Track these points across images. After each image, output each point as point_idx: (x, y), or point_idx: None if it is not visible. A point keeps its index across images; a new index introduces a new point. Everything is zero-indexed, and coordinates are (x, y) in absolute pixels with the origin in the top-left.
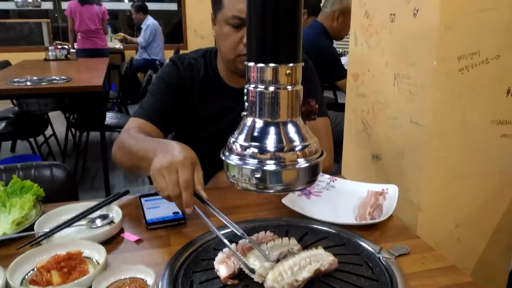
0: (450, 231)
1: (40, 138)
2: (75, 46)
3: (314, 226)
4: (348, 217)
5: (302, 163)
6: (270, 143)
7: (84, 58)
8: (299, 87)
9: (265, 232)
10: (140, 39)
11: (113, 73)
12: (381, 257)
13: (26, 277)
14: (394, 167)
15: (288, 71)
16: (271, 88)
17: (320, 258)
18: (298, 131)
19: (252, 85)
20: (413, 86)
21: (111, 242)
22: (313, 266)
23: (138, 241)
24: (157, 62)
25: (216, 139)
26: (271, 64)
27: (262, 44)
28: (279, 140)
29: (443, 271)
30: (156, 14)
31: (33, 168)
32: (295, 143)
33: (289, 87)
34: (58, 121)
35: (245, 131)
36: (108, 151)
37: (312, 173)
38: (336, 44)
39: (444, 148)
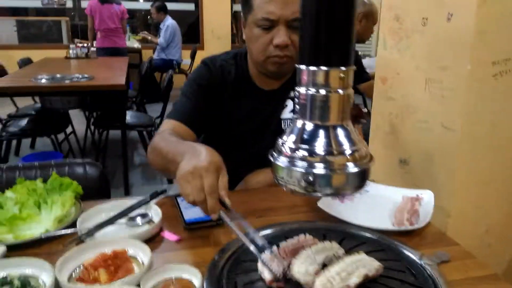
0: (480, 237)
1: (60, 136)
2: (95, 45)
3: (351, 230)
4: (385, 223)
5: (352, 167)
6: (320, 146)
7: (103, 56)
8: (351, 91)
9: (305, 235)
10: (161, 40)
11: (131, 72)
12: (423, 264)
13: (73, 274)
14: (422, 172)
15: (341, 75)
16: (323, 91)
17: (366, 264)
18: (349, 135)
19: (303, 88)
20: (445, 90)
21: (152, 241)
22: (361, 271)
23: (178, 241)
24: (174, 62)
25: (245, 140)
26: (324, 68)
27: (315, 47)
28: (329, 144)
29: (485, 279)
30: (173, 14)
31: (67, 166)
32: (345, 147)
33: (340, 91)
34: (76, 118)
35: (295, 134)
36: (128, 149)
37: (361, 178)
38: (357, 46)
39: (475, 153)
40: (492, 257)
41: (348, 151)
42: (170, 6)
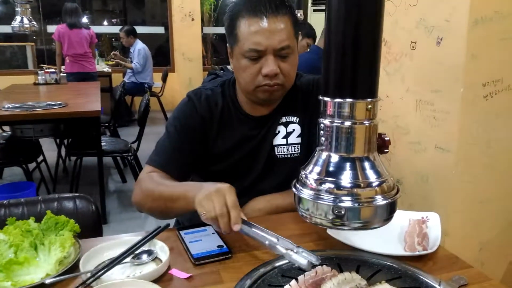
0: (474, 255)
1: (30, 164)
2: (62, 70)
3: (365, 257)
4: (396, 248)
5: (380, 200)
6: (347, 179)
7: (73, 82)
8: (376, 122)
9: (322, 267)
10: (136, 65)
11: (102, 97)
12: None
13: None
14: (417, 192)
15: (369, 106)
16: (348, 123)
17: None
18: (376, 167)
19: (328, 120)
20: (438, 112)
21: (160, 280)
22: None
23: (188, 278)
24: (146, 85)
25: (237, 169)
26: (349, 100)
27: (340, 79)
28: (356, 176)
29: None
30: (142, 37)
31: (56, 201)
32: (372, 179)
33: (366, 122)
34: (45, 145)
35: (320, 165)
36: (105, 176)
37: (390, 211)
38: None
39: (470, 172)
40: None
41: (375, 183)
42: (139, 29)
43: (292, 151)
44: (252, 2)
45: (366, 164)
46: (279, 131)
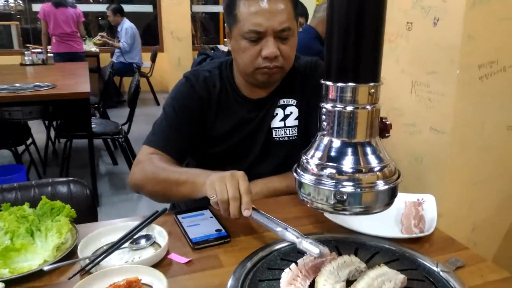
0: (467, 236)
1: (19, 147)
2: (49, 50)
3: (362, 240)
4: (393, 230)
5: (382, 185)
6: (349, 164)
7: (60, 62)
8: (379, 106)
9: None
10: (123, 44)
11: (90, 77)
12: (440, 272)
13: None
14: (411, 173)
15: (372, 90)
16: (351, 108)
17: (391, 277)
18: (378, 152)
19: (330, 104)
20: (433, 94)
21: (159, 264)
22: (388, 286)
23: (188, 263)
24: (134, 65)
25: (235, 152)
26: (352, 84)
27: (343, 63)
28: (358, 161)
29: (503, 282)
30: (130, 16)
31: (50, 186)
32: (374, 164)
33: (369, 107)
34: (34, 127)
35: (321, 151)
36: (96, 159)
37: (391, 195)
38: None
39: (464, 154)
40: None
41: (377, 168)
42: (127, 8)
43: (289, 134)
44: None
45: (368, 149)
46: (276, 114)
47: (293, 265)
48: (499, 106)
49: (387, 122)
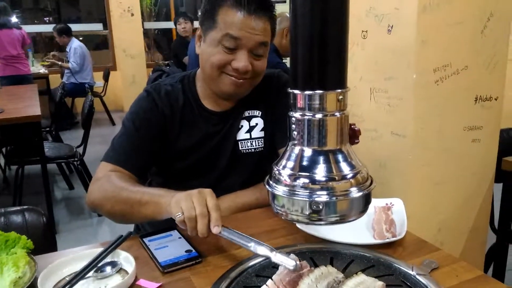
0: (434, 236)
1: None
2: None
3: (336, 249)
4: (366, 236)
5: (355, 192)
6: (322, 172)
7: (6, 86)
8: (347, 113)
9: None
10: (73, 65)
11: (40, 100)
12: (415, 275)
13: None
14: (376, 179)
15: (340, 97)
16: (319, 116)
17: (369, 285)
18: (349, 158)
19: (299, 113)
20: (392, 99)
21: None
22: None
23: None
24: (86, 85)
25: (200, 167)
26: (319, 91)
27: (309, 70)
28: (331, 169)
29: (477, 281)
30: (80, 35)
31: (2, 216)
32: (347, 172)
33: (337, 114)
34: None
35: (293, 161)
36: (50, 184)
37: (365, 202)
38: (285, 60)
39: (425, 156)
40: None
41: (350, 175)
42: (76, 27)
43: (256, 145)
44: None
45: (340, 157)
46: (242, 126)
47: (269, 282)
48: (454, 108)
49: (356, 128)
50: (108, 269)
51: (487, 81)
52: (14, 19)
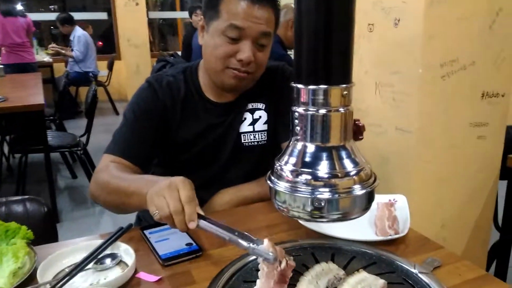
0: (437, 232)
1: None
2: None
3: (338, 245)
4: (368, 233)
5: (358, 189)
6: (325, 169)
7: (11, 74)
8: (352, 108)
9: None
10: (76, 53)
11: (44, 88)
12: (418, 273)
13: None
14: (379, 174)
15: (344, 92)
16: (323, 111)
17: (371, 283)
18: (353, 155)
19: (302, 108)
20: (397, 94)
21: (128, 284)
22: None
23: (158, 281)
24: (90, 74)
25: (202, 159)
26: (324, 86)
27: (314, 65)
28: (334, 166)
29: (480, 281)
30: (84, 24)
31: (3, 205)
32: (350, 169)
33: (342, 109)
34: None
35: (295, 156)
36: (54, 173)
37: (368, 200)
38: (290, 52)
39: (429, 152)
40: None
41: (353, 172)
42: (80, 16)
43: (259, 138)
44: None
45: (343, 153)
46: (245, 118)
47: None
48: (461, 104)
49: (360, 124)
50: (108, 261)
51: (495, 77)
52: (19, 6)
